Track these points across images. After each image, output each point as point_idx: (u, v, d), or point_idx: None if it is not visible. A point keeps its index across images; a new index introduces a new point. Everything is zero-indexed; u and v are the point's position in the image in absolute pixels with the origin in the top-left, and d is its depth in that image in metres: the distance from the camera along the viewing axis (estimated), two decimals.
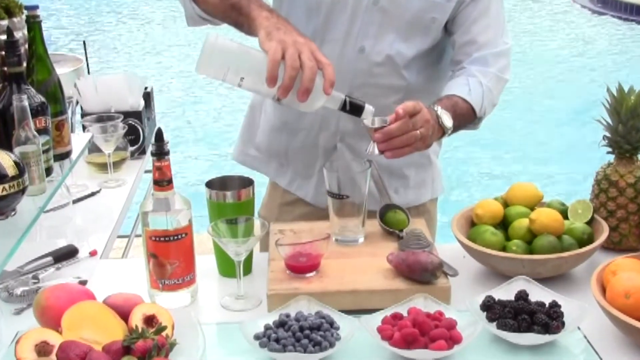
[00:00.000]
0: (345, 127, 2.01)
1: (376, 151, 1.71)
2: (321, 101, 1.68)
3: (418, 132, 1.71)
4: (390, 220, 1.85)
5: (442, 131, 1.82)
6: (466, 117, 1.91)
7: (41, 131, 1.81)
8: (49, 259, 1.89)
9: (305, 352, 1.41)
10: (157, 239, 1.61)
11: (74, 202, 2.40)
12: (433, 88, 2.01)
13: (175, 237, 1.61)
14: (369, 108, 1.71)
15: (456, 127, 1.85)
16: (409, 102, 1.72)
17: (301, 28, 1.81)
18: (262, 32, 1.67)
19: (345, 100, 1.70)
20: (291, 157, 2.11)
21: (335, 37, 1.94)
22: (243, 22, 1.76)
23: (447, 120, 1.81)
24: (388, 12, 1.90)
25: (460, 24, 1.95)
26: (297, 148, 2.08)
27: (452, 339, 1.44)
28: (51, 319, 1.44)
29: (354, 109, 1.71)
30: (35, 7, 1.95)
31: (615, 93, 1.79)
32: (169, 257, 1.62)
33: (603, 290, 1.53)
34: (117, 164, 2.74)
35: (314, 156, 2.07)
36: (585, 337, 1.51)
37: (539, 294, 1.56)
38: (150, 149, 1.61)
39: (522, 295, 1.55)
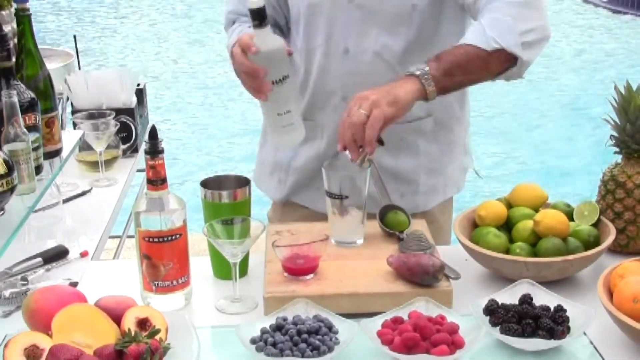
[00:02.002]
0: None
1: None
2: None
3: (362, 111, 1.67)
4: (390, 221, 1.83)
5: (420, 84, 1.72)
6: (474, 61, 1.76)
7: (31, 128, 1.80)
8: (39, 260, 1.87)
9: (303, 356, 1.40)
10: (151, 239, 1.58)
11: (64, 201, 2.37)
12: None
13: (169, 238, 1.58)
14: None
15: (457, 77, 1.76)
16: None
17: (292, 42, 1.92)
18: None
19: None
20: (291, 172, 2.11)
21: (318, 43, 1.95)
22: None
23: (430, 86, 1.72)
24: (366, 8, 1.89)
25: None
26: (301, 162, 2.08)
27: (454, 344, 1.43)
28: (41, 322, 1.43)
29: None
30: (25, 0, 1.92)
31: (623, 91, 1.77)
32: (163, 258, 1.59)
33: (610, 294, 1.52)
34: (108, 163, 2.71)
35: (316, 167, 2.00)
36: (591, 342, 1.50)
37: (544, 298, 1.54)
38: (143, 146, 1.58)
39: (526, 299, 1.53)
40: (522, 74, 1.82)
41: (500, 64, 1.78)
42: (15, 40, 2.00)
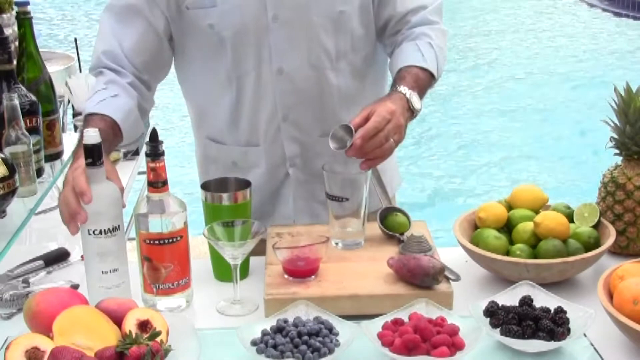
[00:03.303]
0: (292, 152, 1.96)
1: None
2: None
3: (391, 140, 1.70)
4: (390, 223, 1.83)
5: (412, 113, 1.79)
6: (426, 85, 1.87)
7: (32, 131, 1.80)
8: (40, 262, 1.87)
9: (303, 358, 1.40)
10: (152, 242, 1.57)
11: None
12: (372, 80, 1.98)
13: (170, 241, 1.58)
14: None
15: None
16: (370, 122, 1.69)
17: (212, 69, 1.84)
18: None
19: None
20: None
21: (247, 68, 1.88)
22: None
23: (417, 102, 1.79)
24: (292, 23, 1.84)
25: (388, 2, 1.90)
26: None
27: (455, 346, 1.42)
28: (42, 324, 1.42)
29: None
30: (26, 4, 1.93)
31: (622, 93, 1.77)
32: (164, 260, 1.58)
33: (610, 296, 1.51)
34: None
35: (271, 191, 2.00)
36: (591, 344, 1.49)
37: (544, 300, 1.54)
38: (143, 149, 1.58)
39: (526, 301, 1.53)
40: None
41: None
42: (17, 43, 2.00)
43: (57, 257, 1.91)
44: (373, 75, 2.00)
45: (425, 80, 1.85)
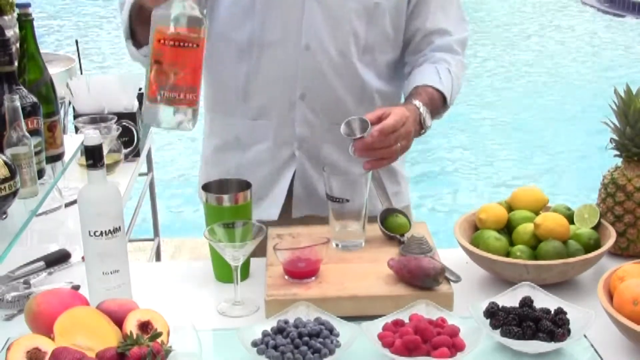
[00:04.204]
0: (302, 133, 1.95)
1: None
2: None
3: (399, 145, 1.72)
4: (391, 224, 1.83)
5: (420, 129, 1.81)
6: (438, 108, 1.89)
7: (33, 132, 1.79)
8: (41, 263, 1.87)
9: (304, 359, 1.39)
10: (167, 42, 1.47)
11: (66, 205, 2.37)
12: (390, 88, 1.99)
13: (186, 45, 1.48)
14: None
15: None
16: (390, 118, 1.70)
17: (237, 31, 1.81)
18: None
19: None
20: (247, 176, 1.90)
21: (274, 37, 1.87)
22: None
23: (429, 120, 1.81)
24: (328, 3, 1.85)
25: (420, 11, 1.93)
26: (252, 164, 1.98)
27: (455, 347, 1.42)
28: (43, 325, 1.42)
29: None
30: (27, 5, 1.93)
31: (623, 95, 1.77)
32: (175, 64, 1.48)
33: (610, 297, 1.51)
34: (110, 167, 2.71)
35: (270, 169, 1.98)
36: (591, 345, 1.49)
37: (544, 301, 1.54)
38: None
39: (526, 302, 1.53)
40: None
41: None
42: (18, 45, 2.00)
43: (58, 258, 1.91)
44: (390, 92, 2.00)
45: (438, 103, 1.88)
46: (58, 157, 2.01)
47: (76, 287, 1.73)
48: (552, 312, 1.50)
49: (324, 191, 1.79)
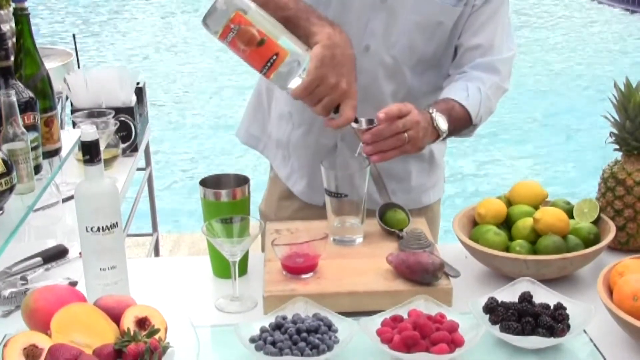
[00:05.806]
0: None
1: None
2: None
3: (406, 134, 1.71)
4: (390, 219, 1.83)
5: (437, 134, 1.81)
6: (462, 122, 1.89)
7: (30, 127, 1.79)
8: (38, 259, 1.86)
9: (302, 355, 1.39)
10: None
11: (64, 200, 2.36)
12: (434, 96, 1.98)
13: None
14: None
15: (451, 132, 1.84)
16: (394, 105, 1.72)
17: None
18: (318, 54, 1.67)
19: None
20: (292, 150, 2.08)
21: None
22: (300, 36, 1.72)
23: (442, 123, 1.80)
24: (395, 12, 1.87)
25: (467, 28, 1.93)
26: (298, 141, 2.05)
27: (454, 342, 1.42)
28: (40, 321, 1.42)
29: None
30: (24, 0, 1.92)
31: (622, 88, 1.76)
32: None
33: (610, 292, 1.51)
34: (108, 162, 2.71)
35: (313, 152, 2.02)
36: (591, 340, 1.49)
37: (544, 296, 1.54)
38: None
39: (526, 297, 1.53)
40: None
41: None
42: (14, 39, 1.99)
43: (56, 254, 1.90)
44: (432, 101, 1.99)
45: (460, 116, 1.87)
46: (55, 152, 2.01)
47: (74, 283, 1.73)
48: (552, 308, 1.50)
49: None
